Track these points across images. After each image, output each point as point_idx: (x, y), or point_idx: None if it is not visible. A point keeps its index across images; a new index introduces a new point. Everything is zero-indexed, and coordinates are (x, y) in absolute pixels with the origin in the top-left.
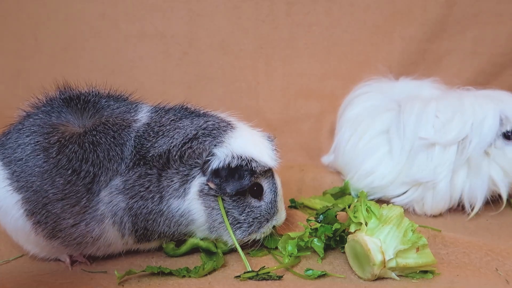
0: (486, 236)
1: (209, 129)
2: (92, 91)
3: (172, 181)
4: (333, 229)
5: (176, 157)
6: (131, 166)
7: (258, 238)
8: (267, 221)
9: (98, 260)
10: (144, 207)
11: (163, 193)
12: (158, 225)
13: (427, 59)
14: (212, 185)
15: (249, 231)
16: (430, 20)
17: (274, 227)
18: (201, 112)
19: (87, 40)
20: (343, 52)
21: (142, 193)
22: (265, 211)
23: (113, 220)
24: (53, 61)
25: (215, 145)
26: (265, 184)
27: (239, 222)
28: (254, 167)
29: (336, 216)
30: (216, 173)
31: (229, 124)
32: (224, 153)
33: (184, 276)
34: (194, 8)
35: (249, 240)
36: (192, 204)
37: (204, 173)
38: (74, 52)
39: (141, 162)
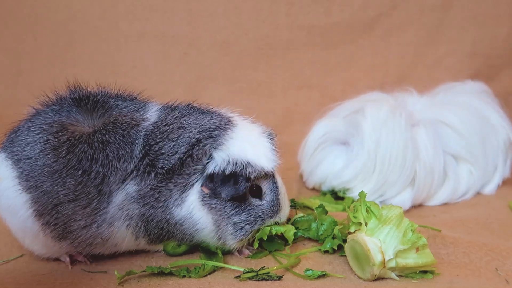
0: (486, 236)
1: (211, 129)
2: (101, 91)
3: (172, 191)
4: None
5: (177, 171)
6: (142, 172)
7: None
8: (270, 217)
9: (98, 260)
10: (155, 215)
11: (167, 203)
12: (168, 232)
13: (425, 62)
14: (206, 190)
15: (251, 229)
16: (426, 24)
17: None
18: (205, 109)
19: (87, 40)
20: (343, 53)
21: (152, 203)
22: (268, 209)
23: (128, 223)
24: (53, 61)
25: (214, 148)
26: (264, 185)
27: (241, 223)
28: (249, 173)
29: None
30: (211, 177)
31: (230, 121)
32: (221, 158)
33: (184, 276)
34: (195, 8)
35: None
36: (194, 213)
37: (203, 178)
38: (74, 52)
39: (152, 173)
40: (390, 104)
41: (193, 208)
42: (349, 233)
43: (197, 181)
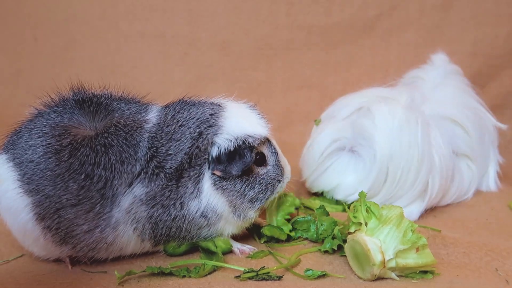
0: (486, 236)
1: (208, 119)
2: (105, 93)
3: (187, 187)
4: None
5: (186, 165)
6: (151, 174)
7: (274, 198)
8: (279, 182)
9: (98, 260)
10: (165, 214)
11: (182, 199)
12: (178, 230)
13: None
14: (218, 173)
15: (266, 197)
16: (426, 24)
17: None
18: (195, 101)
19: (87, 40)
20: (343, 53)
21: (163, 202)
22: (274, 173)
23: (135, 226)
24: (53, 61)
25: (215, 134)
26: (265, 150)
27: (255, 195)
28: (252, 142)
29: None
30: (218, 159)
31: (220, 105)
32: (223, 138)
33: (184, 276)
34: (195, 8)
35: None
36: (212, 199)
37: (209, 165)
38: (74, 52)
39: (162, 174)
40: (403, 106)
41: (209, 196)
42: (349, 233)
43: (206, 169)
